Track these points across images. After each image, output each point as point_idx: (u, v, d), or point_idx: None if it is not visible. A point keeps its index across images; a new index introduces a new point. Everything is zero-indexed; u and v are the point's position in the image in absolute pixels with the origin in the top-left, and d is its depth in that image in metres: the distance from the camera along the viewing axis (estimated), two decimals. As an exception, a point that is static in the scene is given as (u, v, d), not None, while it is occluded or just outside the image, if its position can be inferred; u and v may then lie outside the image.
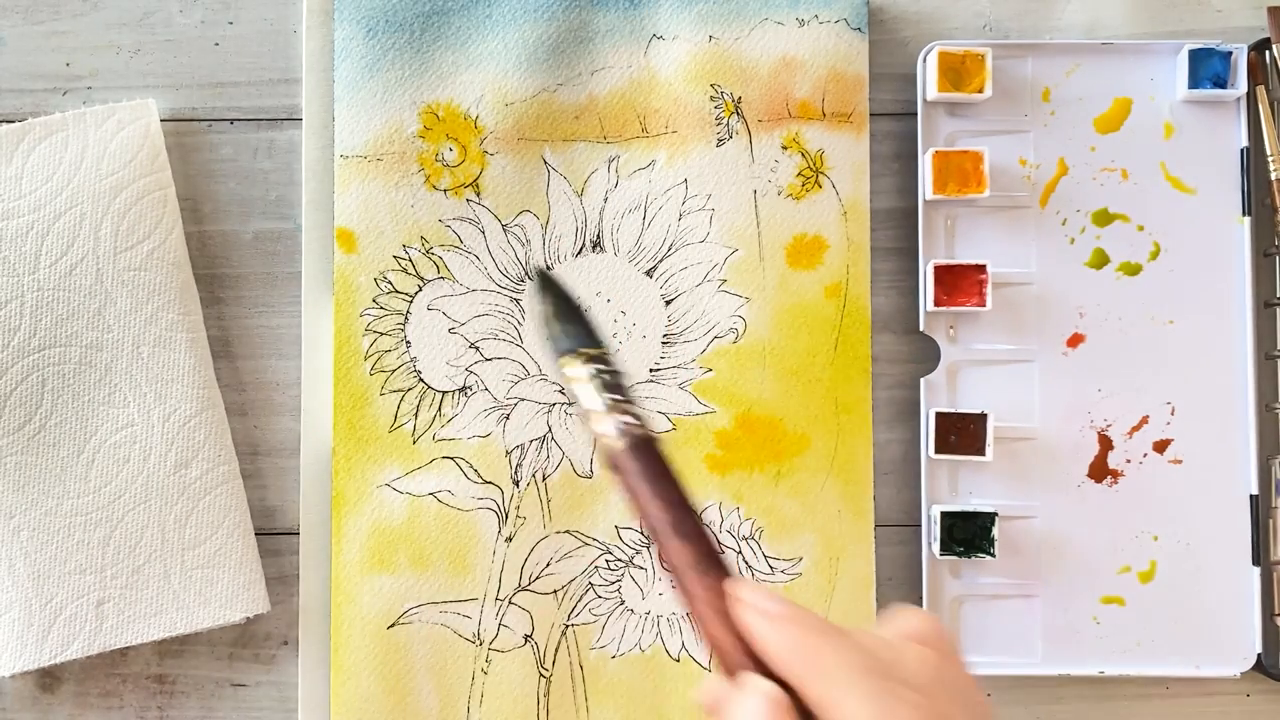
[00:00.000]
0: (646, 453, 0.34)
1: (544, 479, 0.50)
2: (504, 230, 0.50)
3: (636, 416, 0.34)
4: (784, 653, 0.29)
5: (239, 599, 0.49)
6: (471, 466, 0.49)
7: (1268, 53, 0.51)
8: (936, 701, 0.28)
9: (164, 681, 0.50)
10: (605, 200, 0.50)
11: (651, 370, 0.50)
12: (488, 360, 0.50)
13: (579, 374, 0.35)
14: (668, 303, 0.50)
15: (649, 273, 0.50)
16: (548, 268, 0.50)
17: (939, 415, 0.50)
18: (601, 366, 0.35)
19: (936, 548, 0.49)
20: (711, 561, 0.32)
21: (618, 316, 0.50)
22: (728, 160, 0.50)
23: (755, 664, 0.30)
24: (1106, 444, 0.51)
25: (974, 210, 0.51)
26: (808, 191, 0.51)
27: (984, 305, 0.50)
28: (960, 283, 0.50)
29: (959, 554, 0.49)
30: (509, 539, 0.49)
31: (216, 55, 0.51)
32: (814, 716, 0.28)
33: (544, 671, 0.49)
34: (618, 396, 0.34)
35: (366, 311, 0.50)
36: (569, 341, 0.36)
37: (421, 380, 0.50)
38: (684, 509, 0.33)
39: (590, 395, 0.35)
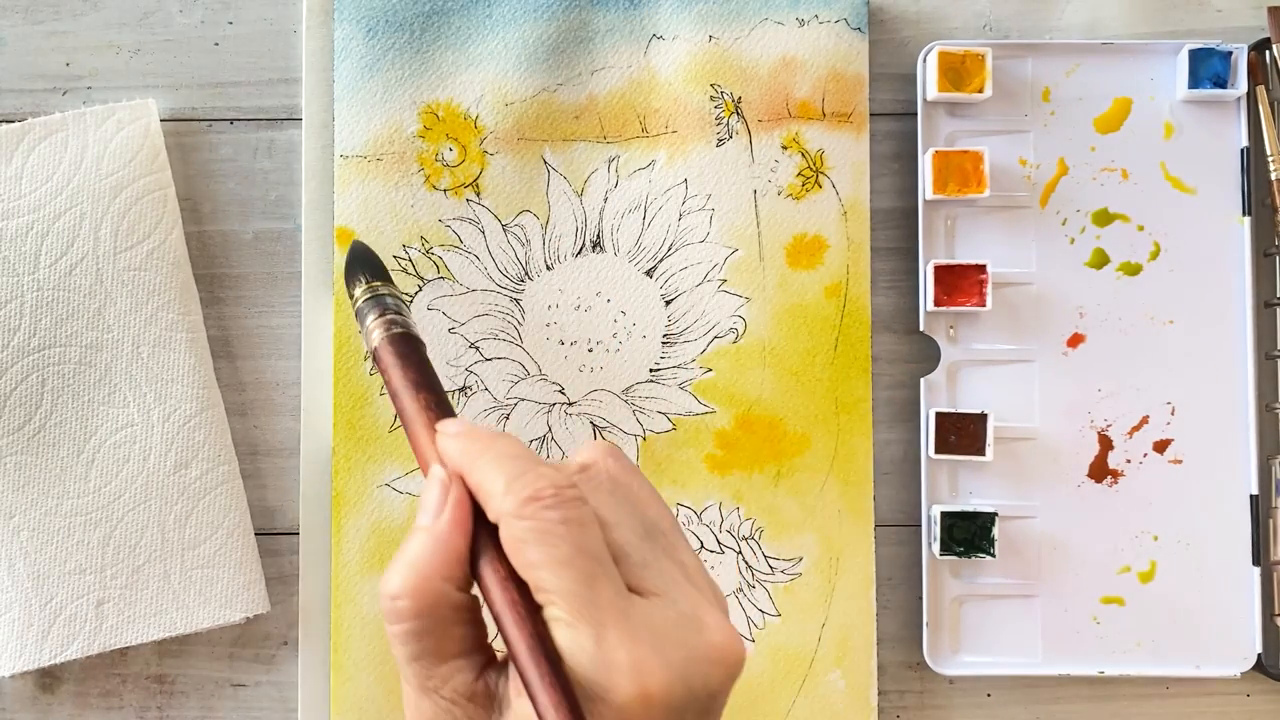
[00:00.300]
0: (403, 344, 0.39)
1: (544, 479, 0.50)
2: (504, 230, 0.50)
3: (404, 325, 0.40)
4: (455, 456, 0.35)
5: (239, 599, 0.49)
6: (471, 466, 0.49)
7: (1268, 53, 0.51)
8: (570, 477, 0.33)
9: (164, 681, 0.50)
10: (605, 200, 0.50)
11: (651, 370, 0.50)
12: (487, 360, 0.50)
13: (361, 296, 0.42)
14: (668, 303, 0.50)
15: (649, 273, 0.50)
16: (546, 265, 0.50)
17: (939, 415, 0.50)
18: (382, 292, 0.42)
19: (936, 548, 0.49)
20: (440, 408, 0.37)
21: (618, 316, 0.50)
22: (728, 160, 0.50)
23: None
24: (1106, 444, 0.51)
25: (974, 210, 0.51)
26: (808, 191, 0.51)
27: (984, 305, 0.50)
28: (960, 283, 0.50)
29: (959, 554, 0.49)
30: (509, 539, 0.49)
31: (216, 55, 0.51)
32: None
33: (544, 671, 0.49)
34: (389, 310, 0.41)
35: (366, 311, 0.50)
36: (356, 275, 0.43)
37: (421, 380, 0.50)
38: (424, 372, 0.39)
39: (366, 310, 0.41)
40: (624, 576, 0.32)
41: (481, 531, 0.33)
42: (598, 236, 0.50)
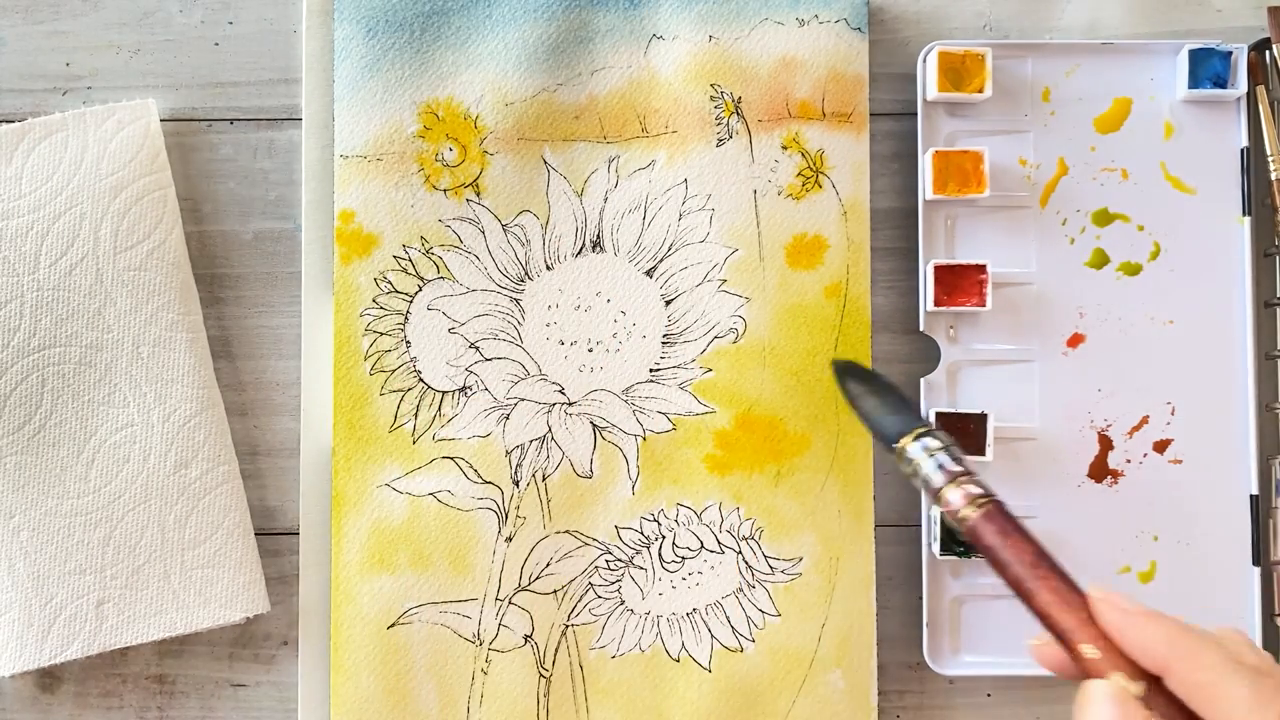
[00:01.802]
0: (999, 516, 0.38)
1: (544, 479, 0.50)
2: (504, 230, 0.50)
3: (978, 483, 0.39)
4: (1160, 645, 0.32)
5: (239, 599, 0.49)
6: (471, 466, 0.49)
7: (1268, 53, 0.51)
8: None
9: (164, 681, 0.50)
10: (605, 200, 0.50)
11: (651, 370, 0.50)
12: (488, 360, 0.50)
13: (917, 455, 0.40)
14: (668, 303, 0.50)
15: (649, 273, 0.50)
16: (546, 265, 0.50)
17: (939, 415, 0.50)
18: (932, 442, 0.40)
19: (936, 548, 0.49)
20: (1072, 588, 0.36)
21: (618, 316, 0.50)
22: (728, 160, 0.50)
23: (1125, 663, 0.34)
24: (1106, 444, 0.51)
25: (974, 210, 0.51)
26: (808, 191, 0.51)
27: (984, 305, 0.50)
28: (960, 283, 0.50)
29: (959, 554, 0.49)
30: (509, 539, 0.49)
31: (216, 55, 0.51)
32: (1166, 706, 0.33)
33: (544, 672, 0.49)
34: (956, 468, 0.39)
35: (366, 311, 0.50)
36: (898, 426, 0.41)
37: (421, 380, 0.50)
38: (1038, 552, 0.37)
39: (933, 472, 0.40)
40: None
41: None
42: (598, 236, 0.50)
